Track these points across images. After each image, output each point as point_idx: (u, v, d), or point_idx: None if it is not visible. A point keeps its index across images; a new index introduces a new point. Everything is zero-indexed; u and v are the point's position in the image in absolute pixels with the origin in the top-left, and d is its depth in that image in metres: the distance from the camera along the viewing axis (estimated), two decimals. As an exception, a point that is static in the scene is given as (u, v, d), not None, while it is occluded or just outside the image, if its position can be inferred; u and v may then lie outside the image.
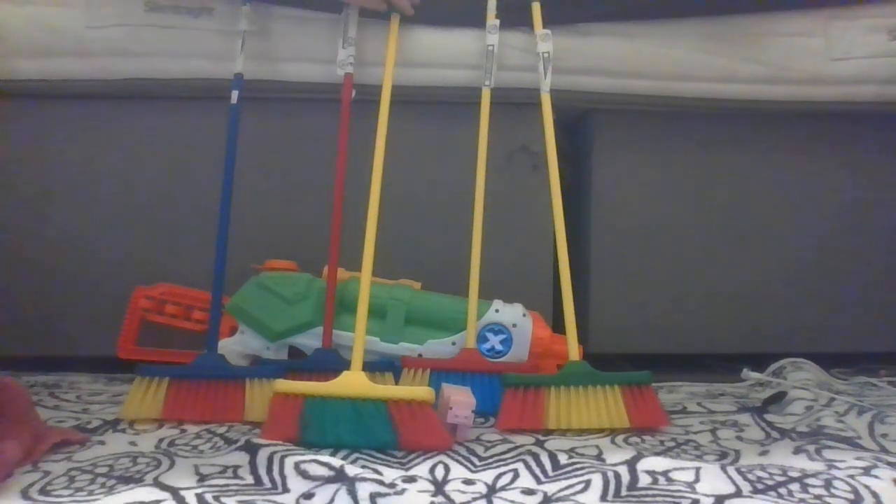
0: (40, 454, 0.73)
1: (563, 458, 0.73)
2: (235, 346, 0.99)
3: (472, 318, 0.97)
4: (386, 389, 0.81)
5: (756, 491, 0.64)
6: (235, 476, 0.67)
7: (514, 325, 0.99)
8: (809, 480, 0.67)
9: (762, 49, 1.12)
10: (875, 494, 0.63)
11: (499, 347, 0.99)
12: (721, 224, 1.19)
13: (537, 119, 1.02)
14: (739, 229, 1.19)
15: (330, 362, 0.95)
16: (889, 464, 0.69)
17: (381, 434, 0.76)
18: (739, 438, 0.82)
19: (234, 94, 1.02)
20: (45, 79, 1.08)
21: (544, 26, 1.06)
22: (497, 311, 1.00)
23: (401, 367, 0.95)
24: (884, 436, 0.81)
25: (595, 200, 1.19)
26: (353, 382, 0.80)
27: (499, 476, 0.69)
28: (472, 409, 0.79)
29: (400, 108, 1.13)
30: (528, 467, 0.71)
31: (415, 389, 0.80)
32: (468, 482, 0.67)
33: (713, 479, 0.67)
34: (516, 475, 0.69)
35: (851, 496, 0.63)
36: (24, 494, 0.64)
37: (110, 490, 0.64)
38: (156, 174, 1.13)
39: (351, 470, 0.64)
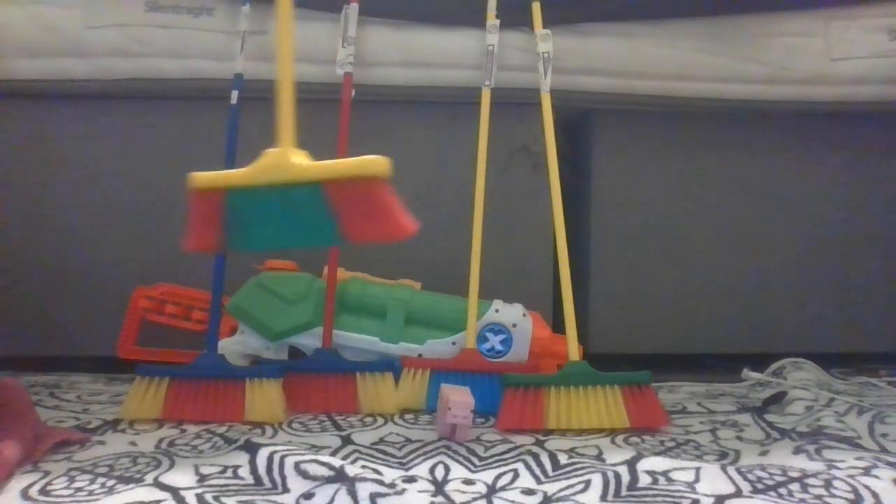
0: (40, 454, 0.73)
1: (563, 458, 0.73)
2: (235, 346, 0.99)
3: (472, 318, 0.97)
4: (321, 167, 0.65)
5: (756, 491, 0.64)
6: (235, 476, 0.67)
7: (514, 325, 0.99)
8: (809, 480, 0.67)
9: (762, 49, 1.12)
10: (875, 494, 0.64)
11: (499, 347, 0.99)
12: (721, 224, 1.19)
13: (537, 119, 1.02)
14: (739, 229, 1.19)
15: (330, 362, 0.95)
16: (889, 464, 0.69)
17: (319, 227, 0.64)
18: (739, 438, 0.82)
19: (234, 94, 1.02)
20: (45, 79, 1.08)
21: (544, 26, 1.06)
22: (497, 311, 1.00)
23: (401, 367, 0.95)
24: (884, 436, 0.81)
25: (595, 200, 1.19)
26: (279, 163, 0.65)
27: (499, 476, 0.69)
28: (471, 409, 0.79)
29: (400, 108, 1.14)
30: (528, 467, 0.71)
31: (360, 161, 0.64)
32: (468, 482, 0.67)
33: (713, 479, 0.67)
34: (516, 475, 0.69)
35: (851, 496, 0.63)
36: (24, 494, 0.64)
37: (110, 490, 0.64)
38: (156, 174, 1.12)
39: (351, 470, 0.64)
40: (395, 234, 0.62)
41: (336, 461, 0.66)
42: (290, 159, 0.64)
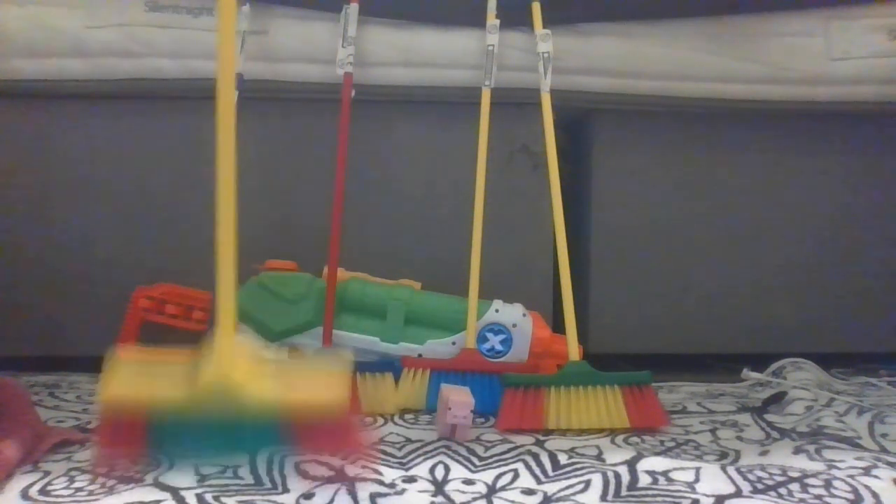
0: (40, 454, 0.72)
1: (563, 458, 0.73)
2: (235, 346, 0.99)
3: (472, 318, 0.97)
4: (274, 399, 0.55)
5: (756, 491, 0.64)
6: (235, 476, 0.67)
7: (514, 325, 0.99)
8: (809, 480, 0.67)
9: (762, 49, 1.12)
10: (875, 494, 0.64)
11: (499, 347, 0.99)
12: (721, 224, 1.19)
13: (537, 119, 1.03)
14: (739, 229, 1.19)
15: (330, 362, 0.95)
16: (889, 464, 0.69)
17: (261, 441, 0.58)
18: (739, 438, 0.82)
19: (234, 94, 1.02)
20: (45, 79, 1.08)
21: (544, 26, 1.06)
22: (497, 311, 1.00)
23: (401, 367, 0.95)
24: (884, 436, 0.82)
25: (595, 200, 1.19)
26: (223, 387, 0.54)
27: (499, 476, 0.69)
28: (471, 409, 0.79)
29: (400, 108, 1.14)
30: (528, 467, 0.71)
31: (317, 396, 0.55)
32: (468, 482, 0.67)
33: (713, 479, 0.67)
34: (516, 475, 0.69)
35: (851, 496, 0.63)
36: (24, 494, 0.64)
37: (110, 490, 0.64)
38: (156, 174, 1.12)
39: (351, 470, 0.64)
40: (346, 453, 0.57)
41: (336, 461, 0.66)
42: (235, 382, 0.53)
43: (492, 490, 0.66)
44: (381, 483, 0.63)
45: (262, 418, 0.54)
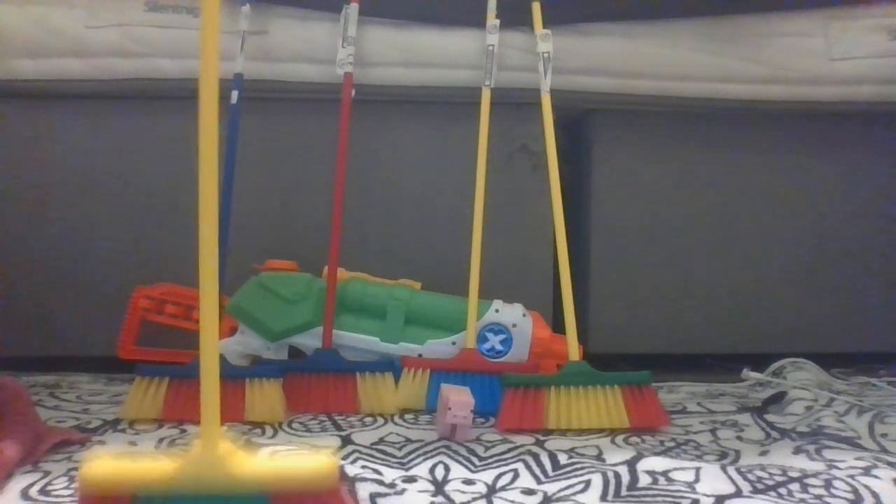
0: (40, 454, 0.73)
1: (563, 458, 0.73)
2: (235, 346, 0.99)
3: (472, 318, 0.97)
4: (264, 478, 0.51)
5: (756, 491, 0.64)
6: (235, 476, 0.67)
7: (514, 325, 0.99)
8: (809, 480, 0.67)
9: (762, 49, 1.12)
10: (875, 494, 0.64)
11: (499, 347, 0.99)
12: (721, 224, 1.19)
13: (537, 119, 1.02)
14: (739, 229, 1.19)
15: (330, 362, 0.95)
16: (889, 464, 0.69)
17: None
18: (739, 438, 0.82)
19: (234, 94, 1.02)
20: (45, 79, 1.08)
21: (544, 26, 1.06)
22: (497, 311, 1.00)
23: (401, 368, 0.95)
24: (884, 436, 0.81)
25: (595, 200, 1.19)
26: (211, 466, 0.51)
27: (499, 476, 0.69)
28: (471, 409, 0.79)
29: (400, 108, 1.14)
30: (528, 467, 0.71)
31: (308, 472, 0.51)
32: (468, 482, 0.67)
33: (713, 479, 0.67)
34: (516, 475, 0.69)
35: (851, 496, 0.63)
36: (24, 494, 0.64)
37: (110, 490, 0.64)
38: (156, 174, 1.12)
39: (351, 470, 0.64)
40: None
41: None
42: (224, 461, 0.51)
43: (492, 490, 0.66)
44: (381, 483, 0.63)
45: (250, 493, 0.51)
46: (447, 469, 0.71)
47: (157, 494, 0.50)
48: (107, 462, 0.50)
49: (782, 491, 0.65)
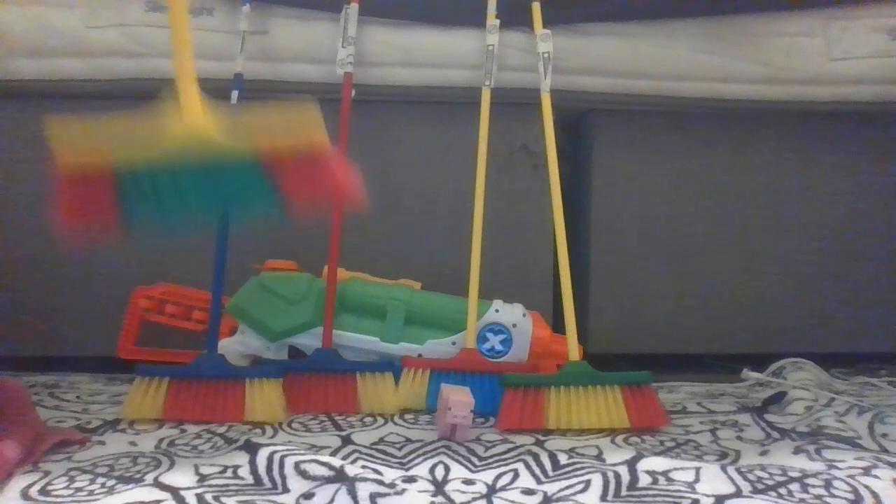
0: (40, 454, 0.73)
1: (563, 458, 0.73)
2: (235, 346, 0.99)
3: (472, 318, 0.97)
4: (249, 140, 0.48)
5: (756, 491, 0.64)
6: (235, 476, 0.67)
7: (514, 325, 0.99)
8: (809, 480, 0.67)
9: (762, 49, 1.12)
10: (875, 494, 0.64)
11: (499, 347, 0.99)
12: (721, 224, 1.19)
13: (537, 119, 1.02)
14: (739, 229, 1.19)
15: (330, 362, 0.95)
16: (889, 464, 0.69)
17: (247, 198, 0.50)
18: (739, 438, 0.82)
19: (234, 94, 1.02)
20: (45, 79, 1.08)
21: (544, 26, 1.06)
22: (497, 311, 1.00)
23: (401, 367, 0.95)
24: (884, 436, 0.82)
25: (595, 200, 1.19)
26: (193, 132, 0.48)
27: (499, 476, 0.69)
28: (470, 409, 0.79)
29: (400, 108, 1.14)
30: (528, 467, 0.71)
31: (293, 127, 0.49)
32: (468, 482, 0.67)
33: (713, 479, 0.67)
34: (516, 475, 0.69)
35: (851, 496, 0.63)
36: (24, 494, 0.64)
37: (110, 490, 0.64)
38: (156, 174, 1.12)
39: (351, 470, 0.64)
40: (342, 200, 0.51)
41: (336, 461, 0.66)
42: (209, 129, 0.49)
43: (492, 490, 0.66)
44: (381, 483, 0.63)
45: (240, 165, 0.47)
46: (447, 469, 0.71)
47: (141, 166, 0.45)
48: (79, 130, 0.46)
49: (782, 491, 0.65)
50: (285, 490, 0.64)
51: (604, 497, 0.64)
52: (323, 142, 0.50)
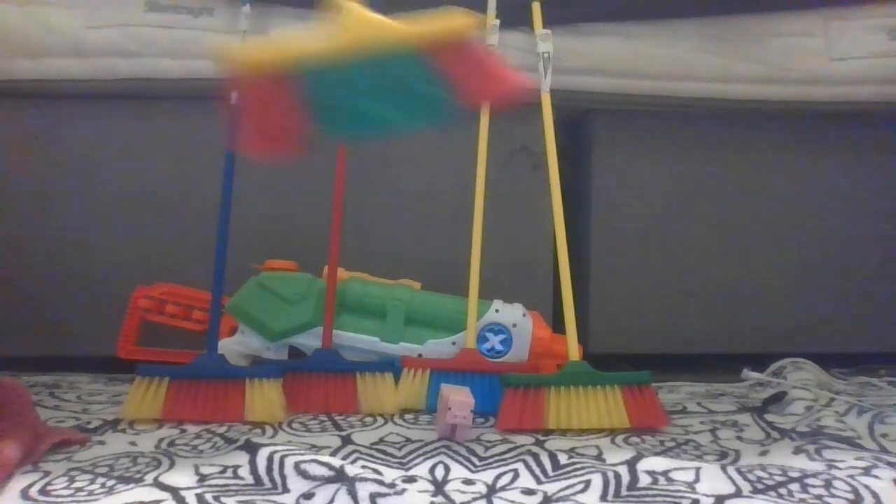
0: (40, 454, 0.73)
1: (563, 458, 0.73)
2: (235, 346, 0.99)
3: (472, 318, 0.97)
4: (421, 27, 0.50)
5: (756, 491, 0.64)
6: (235, 476, 0.67)
7: (514, 325, 0.99)
8: (809, 480, 0.67)
9: (762, 49, 1.12)
10: (875, 494, 0.63)
11: (499, 347, 0.99)
12: (721, 224, 1.19)
13: (537, 119, 1.02)
14: (739, 229, 1.19)
15: (330, 362, 0.95)
16: (889, 464, 0.69)
17: (421, 98, 0.51)
18: (739, 438, 0.82)
19: (234, 95, 1.02)
20: (45, 79, 1.08)
21: (544, 26, 1.06)
22: (497, 311, 1.00)
23: (401, 367, 0.95)
24: (884, 436, 0.81)
25: (595, 200, 1.19)
26: (369, 26, 0.50)
27: (499, 476, 0.69)
28: (471, 409, 0.79)
29: (400, 108, 1.14)
30: (528, 467, 0.71)
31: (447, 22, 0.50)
32: (468, 482, 0.67)
33: (713, 479, 0.67)
34: (516, 475, 0.69)
35: (851, 496, 0.63)
36: (24, 494, 0.64)
37: (110, 490, 0.64)
38: (156, 174, 1.12)
39: (351, 470, 0.64)
40: (502, 91, 0.55)
41: (336, 461, 0.66)
42: (380, 20, 0.50)
43: (492, 490, 0.66)
44: (381, 483, 0.63)
45: (411, 58, 0.49)
46: (447, 469, 0.71)
47: (323, 72, 0.46)
48: (256, 52, 0.48)
49: (782, 491, 0.65)
50: (285, 490, 0.64)
51: (604, 497, 0.64)
52: (475, 35, 0.53)
